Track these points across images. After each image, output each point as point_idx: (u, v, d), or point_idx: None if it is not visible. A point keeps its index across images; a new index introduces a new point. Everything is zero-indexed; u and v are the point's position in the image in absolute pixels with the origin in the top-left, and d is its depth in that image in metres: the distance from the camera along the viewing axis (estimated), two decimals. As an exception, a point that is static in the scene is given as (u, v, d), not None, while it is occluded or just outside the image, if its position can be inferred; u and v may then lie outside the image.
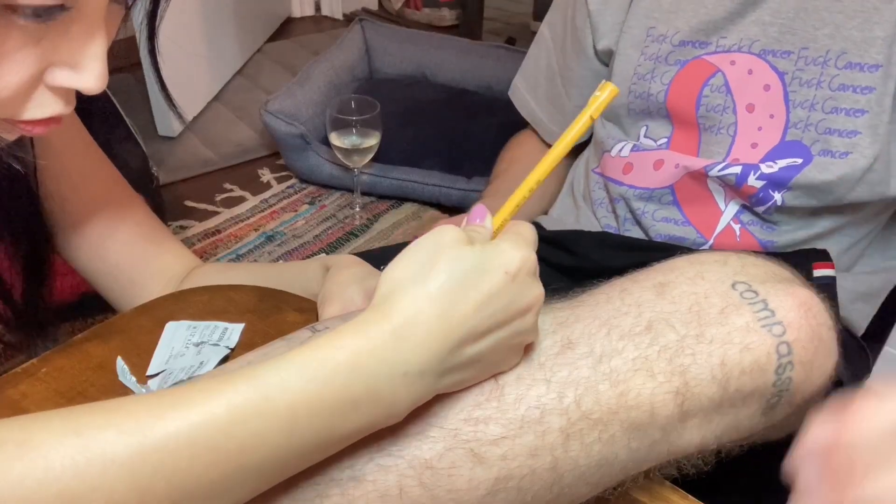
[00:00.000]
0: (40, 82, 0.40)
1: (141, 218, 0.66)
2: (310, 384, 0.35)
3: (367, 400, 0.36)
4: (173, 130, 1.97)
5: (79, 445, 0.31)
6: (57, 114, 0.42)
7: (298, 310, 0.61)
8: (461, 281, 0.38)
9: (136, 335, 0.58)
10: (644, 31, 0.82)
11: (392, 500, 0.40)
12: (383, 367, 0.36)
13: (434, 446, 0.40)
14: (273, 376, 0.35)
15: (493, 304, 0.39)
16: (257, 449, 0.34)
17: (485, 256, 0.39)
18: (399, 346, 0.36)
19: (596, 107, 0.44)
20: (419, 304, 0.37)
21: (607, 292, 0.48)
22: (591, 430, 0.42)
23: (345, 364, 0.35)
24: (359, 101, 1.60)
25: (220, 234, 1.67)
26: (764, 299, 0.45)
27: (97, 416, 0.33)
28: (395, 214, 1.76)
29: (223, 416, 0.33)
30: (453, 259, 0.38)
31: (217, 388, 0.34)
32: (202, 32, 2.07)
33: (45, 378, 0.53)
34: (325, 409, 0.35)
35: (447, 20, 2.83)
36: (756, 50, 0.76)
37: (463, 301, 0.38)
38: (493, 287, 0.39)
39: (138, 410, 0.33)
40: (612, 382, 0.43)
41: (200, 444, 0.33)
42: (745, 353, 0.44)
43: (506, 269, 0.39)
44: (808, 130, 0.74)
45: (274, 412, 0.34)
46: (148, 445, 0.32)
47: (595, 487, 0.45)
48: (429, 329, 0.37)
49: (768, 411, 0.46)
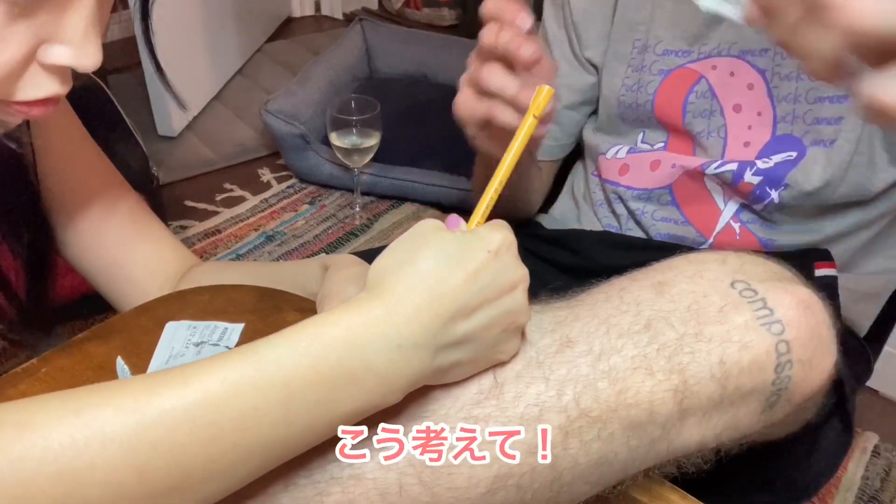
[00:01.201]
0: (33, 61, 0.40)
1: (138, 216, 0.66)
2: (304, 359, 0.35)
3: (363, 374, 0.37)
4: (173, 130, 1.98)
5: (77, 424, 0.32)
6: (53, 94, 0.42)
7: (298, 310, 0.61)
8: (446, 261, 0.39)
9: (136, 335, 0.58)
10: (630, 42, 0.82)
11: (392, 498, 0.40)
12: (378, 341, 0.37)
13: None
14: (268, 352, 0.35)
15: (480, 279, 0.39)
16: (255, 424, 0.34)
17: (466, 238, 0.41)
18: (391, 320, 0.37)
19: (535, 106, 0.47)
20: (408, 282, 0.38)
21: (606, 291, 0.48)
22: (590, 428, 0.42)
23: (339, 339, 0.36)
24: (359, 100, 1.60)
25: (220, 233, 1.67)
26: (763, 298, 0.46)
27: (95, 396, 0.33)
28: (395, 214, 1.76)
29: (219, 391, 0.33)
30: (437, 242, 0.40)
31: (213, 365, 0.34)
32: (202, 32, 2.07)
33: (45, 378, 0.53)
34: (321, 384, 0.36)
35: (447, 20, 2.83)
36: (735, 52, 0.77)
37: (450, 277, 0.39)
38: (478, 264, 0.40)
39: (136, 389, 0.33)
40: (611, 380, 0.43)
41: (198, 419, 0.33)
42: (744, 351, 0.44)
43: (487, 248, 0.40)
44: (796, 122, 0.74)
45: (270, 386, 0.34)
46: (146, 422, 0.32)
47: (595, 486, 0.45)
48: (419, 303, 0.38)
49: (767, 410, 0.46)
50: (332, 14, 2.91)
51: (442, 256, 0.39)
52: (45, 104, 0.42)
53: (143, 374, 0.36)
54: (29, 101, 0.41)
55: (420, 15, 2.87)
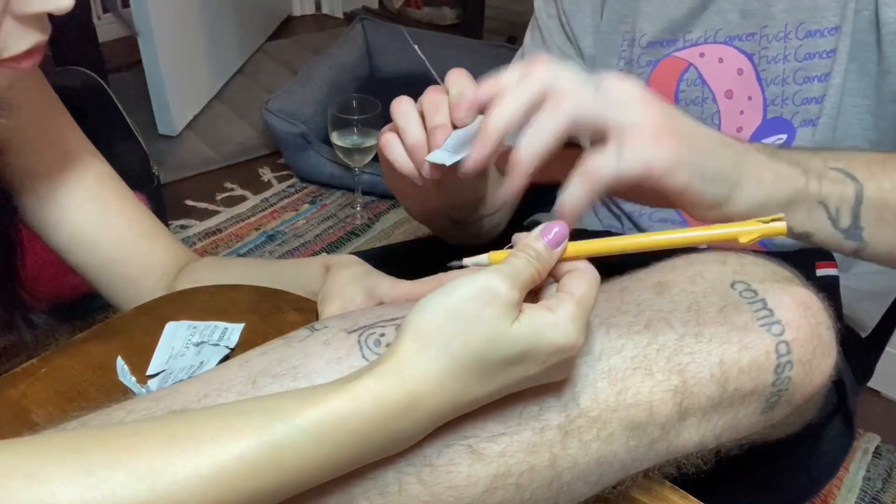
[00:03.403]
0: (6, 15, 0.39)
1: (133, 213, 0.65)
2: (318, 449, 0.35)
3: (370, 458, 0.37)
4: (174, 129, 1.98)
5: (89, 484, 0.31)
6: (35, 44, 0.41)
7: (298, 310, 0.61)
8: (490, 366, 0.37)
9: (137, 335, 0.58)
10: (620, 35, 0.82)
11: (391, 496, 0.40)
12: (391, 435, 0.37)
13: (433, 443, 0.40)
14: (284, 431, 0.34)
15: (518, 386, 0.39)
16: (262, 497, 0.34)
17: (527, 343, 0.37)
18: (409, 416, 0.36)
19: (748, 231, 0.41)
20: (439, 379, 0.36)
21: (607, 291, 0.48)
22: (590, 428, 0.42)
23: (355, 433, 0.36)
24: (360, 100, 1.60)
25: (220, 233, 1.67)
26: (763, 298, 0.45)
27: (109, 456, 0.33)
28: (396, 214, 1.76)
29: (233, 468, 0.33)
30: (490, 342, 0.36)
31: (229, 436, 0.34)
32: (203, 31, 2.07)
33: (45, 378, 0.53)
34: (332, 467, 0.36)
35: (448, 19, 2.83)
36: (721, 38, 0.77)
37: (485, 383, 0.37)
38: (523, 376, 0.38)
39: (151, 453, 0.33)
40: (611, 380, 0.43)
41: (209, 494, 0.33)
42: (743, 352, 0.44)
43: (544, 360, 0.38)
44: (786, 104, 0.74)
45: (281, 469, 0.34)
46: (157, 490, 0.32)
47: (594, 486, 0.45)
48: (442, 402, 0.37)
49: (767, 410, 0.46)
50: (333, 13, 2.91)
51: (487, 361, 0.36)
52: (30, 55, 0.42)
53: (162, 424, 0.36)
54: (15, 57, 0.41)
55: (420, 14, 2.87)
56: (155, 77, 1.85)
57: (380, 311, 0.47)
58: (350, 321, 0.46)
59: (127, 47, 2.18)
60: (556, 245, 0.40)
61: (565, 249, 0.41)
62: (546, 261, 0.40)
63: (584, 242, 0.42)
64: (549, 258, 0.40)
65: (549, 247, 0.40)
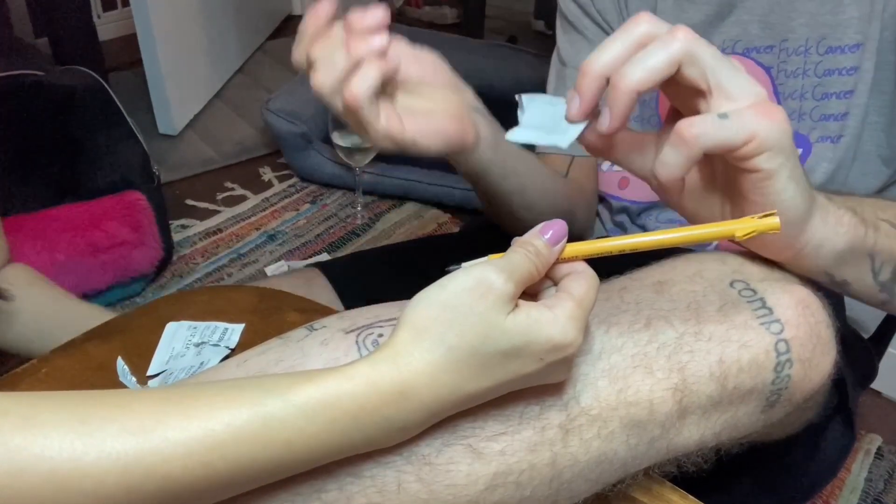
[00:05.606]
0: None
1: None
2: (309, 425, 0.35)
3: (363, 446, 0.37)
4: (174, 128, 1.98)
5: (81, 431, 0.32)
6: None
7: (298, 310, 0.61)
8: (484, 360, 0.37)
9: (137, 335, 0.58)
10: None
11: (390, 495, 0.40)
12: (383, 423, 0.36)
13: (432, 442, 0.40)
14: (276, 405, 0.34)
15: (515, 384, 0.38)
16: (249, 468, 0.35)
17: (522, 337, 0.37)
18: (403, 405, 0.36)
19: (743, 227, 0.41)
20: (433, 370, 0.36)
21: (606, 290, 0.48)
22: (590, 426, 0.42)
23: (347, 413, 0.35)
24: (360, 99, 1.60)
25: (221, 233, 1.67)
26: (762, 297, 0.45)
27: (105, 408, 0.33)
28: (397, 214, 1.76)
29: (221, 434, 0.33)
30: (484, 335, 0.36)
31: (221, 404, 0.34)
32: (203, 30, 2.07)
33: (45, 378, 0.53)
34: (321, 448, 0.36)
35: (448, 18, 2.83)
36: (739, 49, 0.76)
37: (481, 378, 0.37)
38: (520, 373, 0.38)
39: (144, 410, 0.33)
40: (611, 379, 0.43)
41: (195, 457, 0.33)
42: (743, 350, 0.44)
43: (542, 357, 0.37)
44: (803, 119, 0.74)
45: (271, 441, 0.34)
46: (146, 447, 0.32)
47: (594, 484, 0.45)
48: (437, 395, 0.36)
49: (767, 409, 0.46)
50: (334, 13, 2.90)
51: (483, 353, 0.36)
52: None
53: (155, 390, 0.36)
54: None
55: (421, 13, 2.87)
56: (155, 76, 1.85)
57: (378, 311, 0.47)
58: (348, 321, 0.46)
59: (127, 46, 2.18)
60: (556, 242, 0.40)
61: (564, 247, 0.41)
62: (545, 257, 0.40)
63: (583, 243, 0.41)
64: (548, 255, 0.40)
65: (549, 244, 0.40)
